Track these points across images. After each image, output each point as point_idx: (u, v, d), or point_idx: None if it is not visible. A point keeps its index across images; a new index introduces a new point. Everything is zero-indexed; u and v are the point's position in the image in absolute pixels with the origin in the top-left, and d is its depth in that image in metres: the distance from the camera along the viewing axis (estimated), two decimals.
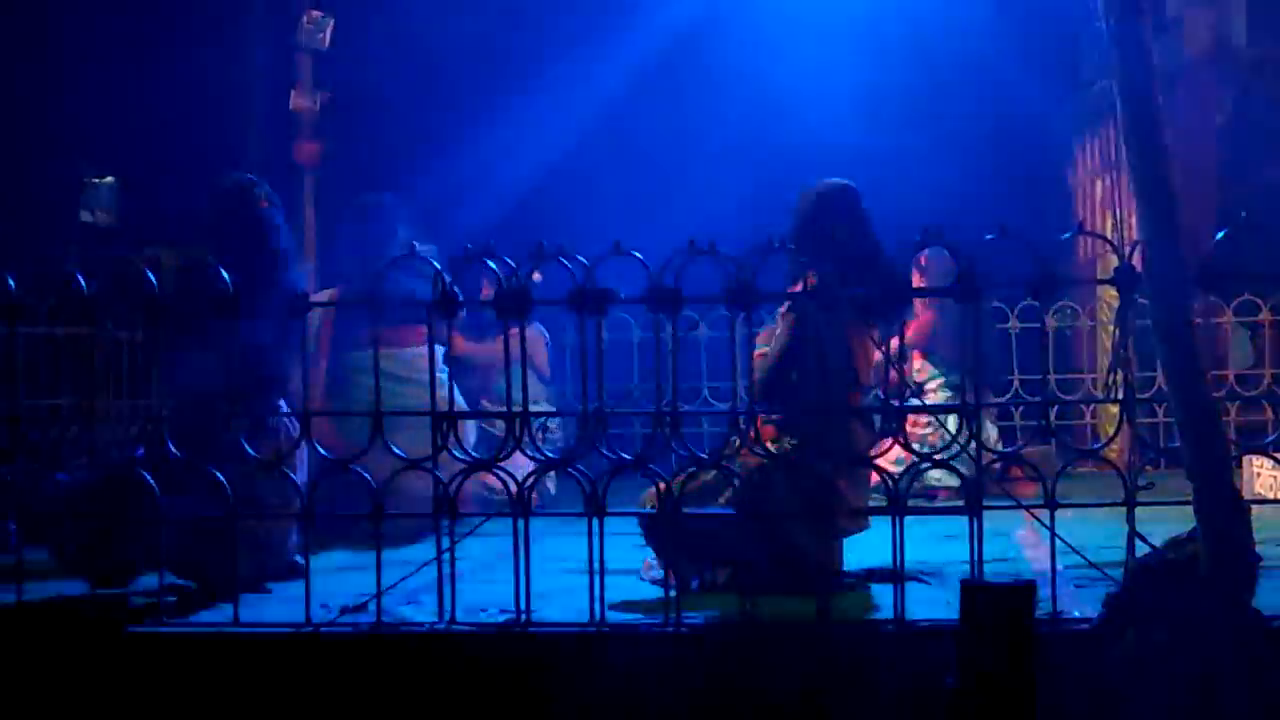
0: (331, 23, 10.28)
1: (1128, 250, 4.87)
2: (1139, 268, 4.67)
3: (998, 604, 4.07)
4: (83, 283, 5.45)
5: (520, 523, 5.18)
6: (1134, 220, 4.65)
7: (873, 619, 5.12)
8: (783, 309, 5.98)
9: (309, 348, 5.71)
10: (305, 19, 10.28)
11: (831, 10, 7.31)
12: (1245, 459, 7.62)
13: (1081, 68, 11.40)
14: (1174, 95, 11.45)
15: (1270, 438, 5.43)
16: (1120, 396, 5.08)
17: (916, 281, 8.92)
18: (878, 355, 5.64)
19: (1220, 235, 4.97)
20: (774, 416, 5.81)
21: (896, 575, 5.04)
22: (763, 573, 5.29)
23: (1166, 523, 4.85)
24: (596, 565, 5.12)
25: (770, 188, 6.74)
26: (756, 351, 5.81)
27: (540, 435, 7.91)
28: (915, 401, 7.68)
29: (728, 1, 11.37)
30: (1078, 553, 5.18)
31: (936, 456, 5.27)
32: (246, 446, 5.46)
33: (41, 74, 11.17)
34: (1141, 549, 4.81)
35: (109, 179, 11.71)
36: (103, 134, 11.25)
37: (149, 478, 5.37)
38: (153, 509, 5.38)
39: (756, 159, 10.38)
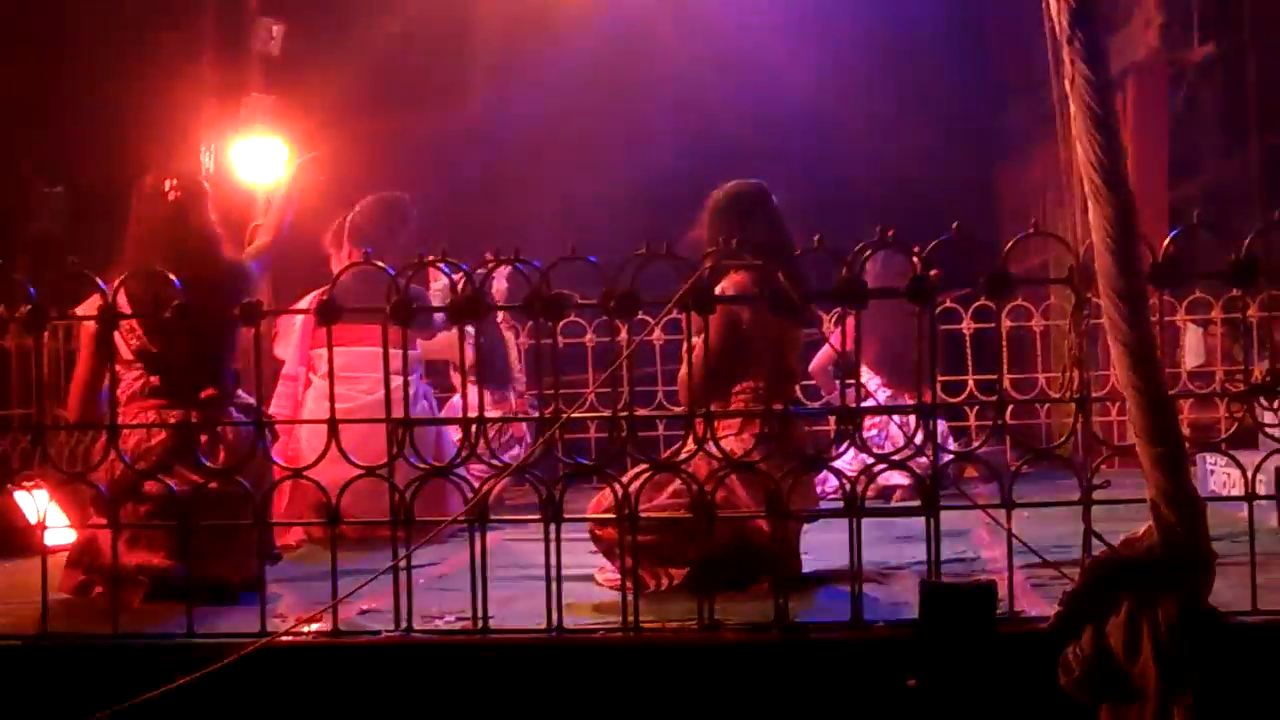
0: (282, 29, 10.25)
1: (1081, 250, 4.88)
2: (1092, 267, 4.67)
3: (959, 604, 4.07)
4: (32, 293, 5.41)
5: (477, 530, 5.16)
6: (1088, 220, 4.64)
7: (830, 620, 5.11)
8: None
9: None
10: (257, 26, 10.26)
11: (784, 10, 7.34)
12: (1199, 456, 7.65)
13: (1034, 68, 11.44)
14: (1124, 94, 11.52)
15: (1225, 435, 5.44)
16: (1075, 396, 5.09)
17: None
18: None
19: (1173, 234, 4.98)
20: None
21: (854, 576, 5.03)
22: (719, 573, 5.28)
23: (1123, 521, 4.86)
24: (554, 571, 5.10)
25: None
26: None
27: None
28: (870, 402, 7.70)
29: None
30: (1034, 552, 5.19)
31: (895, 457, 5.27)
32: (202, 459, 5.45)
33: None
34: (1098, 547, 4.81)
35: (59, 188, 11.65)
36: (53, 142, 11.20)
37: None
38: None
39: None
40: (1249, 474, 5.08)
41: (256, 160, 8.92)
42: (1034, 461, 5.25)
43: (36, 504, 5.90)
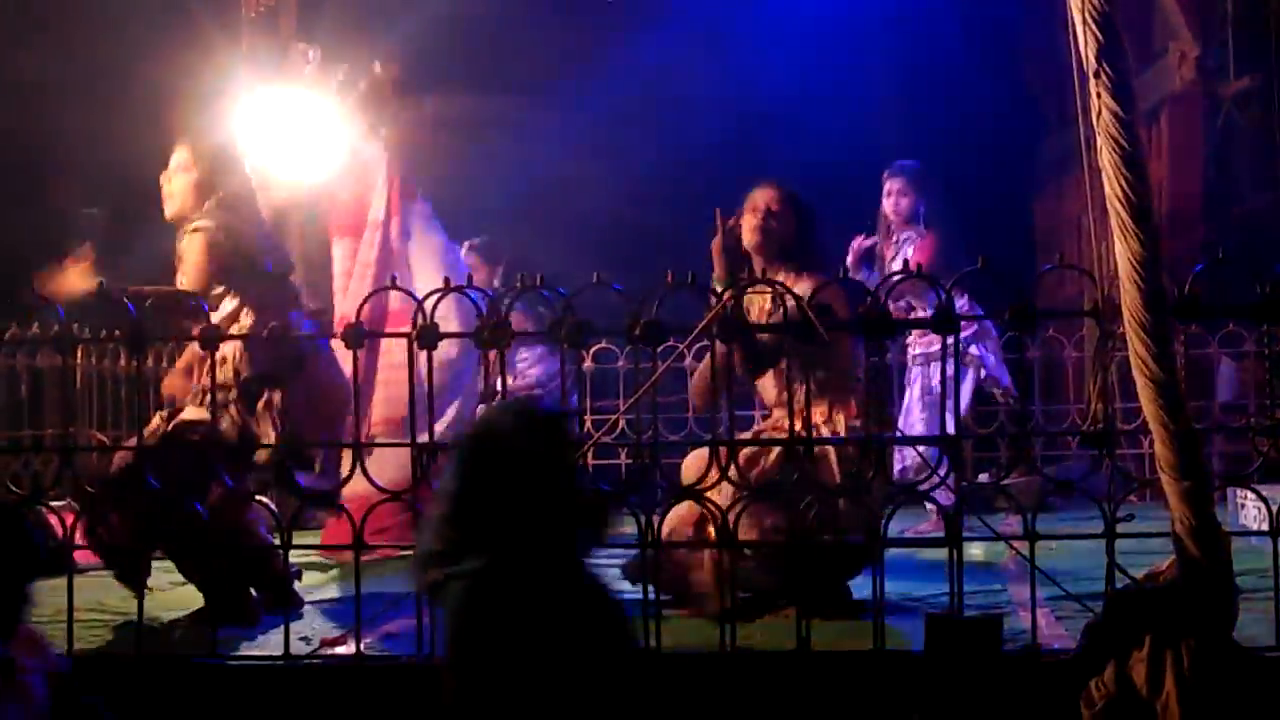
0: (319, 54, 10.29)
1: (1107, 284, 4.87)
2: (1118, 300, 4.66)
3: (964, 636, 4.07)
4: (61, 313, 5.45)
5: None
6: (1115, 253, 4.64)
7: (850, 649, 5.11)
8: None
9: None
10: (292, 50, 10.29)
11: (820, 53, 7.37)
12: (1229, 490, 7.61)
13: (1066, 103, 11.43)
14: (1159, 126, 11.50)
15: (1253, 468, 5.42)
16: (1100, 428, 5.08)
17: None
18: None
19: (1197, 269, 4.98)
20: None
21: (876, 606, 5.03)
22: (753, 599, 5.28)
23: (1148, 554, 4.85)
24: None
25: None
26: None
27: None
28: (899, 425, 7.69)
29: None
30: (1058, 584, 5.18)
31: (922, 488, 5.28)
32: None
33: (26, 102, 11.19)
34: (1122, 580, 4.81)
35: (94, 210, 11.72)
36: (90, 165, 11.27)
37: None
38: None
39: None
40: (1274, 508, 5.07)
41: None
42: (1061, 494, 5.24)
43: (66, 524, 5.91)
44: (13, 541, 3.92)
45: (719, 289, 5.78)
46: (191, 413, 6.10)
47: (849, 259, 9.01)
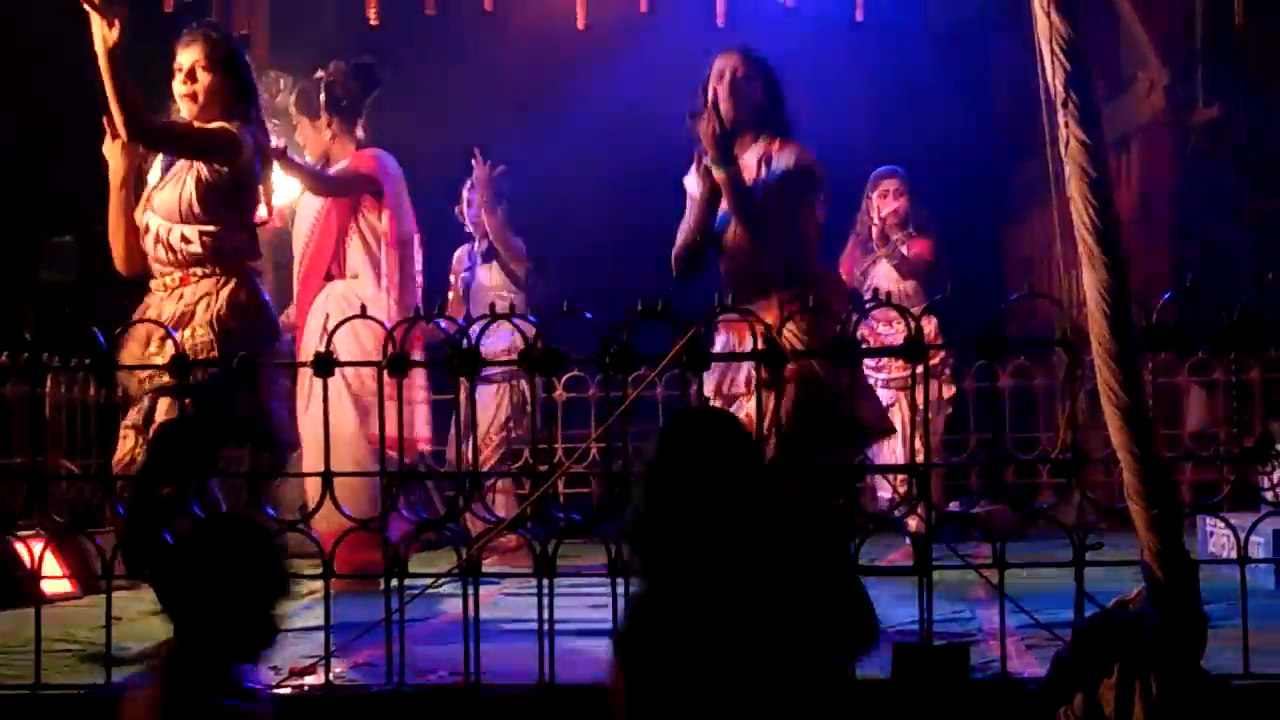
0: (291, 81, 10.29)
1: (1075, 312, 4.89)
2: (1087, 329, 4.68)
3: (932, 663, 4.07)
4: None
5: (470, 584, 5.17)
6: (1083, 281, 4.66)
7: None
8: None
9: None
10: (263, 80, 10.29)
11: (793, 79, 7.40)
12: (1199, 518, 7.64)
13: (1036, 131, 11.48)
14: (1129, 155, 11.56)
15: (1220, 496, 5.44)
16: (1067, 457, 5.10)
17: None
18: None
19: (1166, 297, 5.00)
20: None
21: None
22: None
23: (1117, 582, 4.86)
24: (546, 625, 5.10)
25: None
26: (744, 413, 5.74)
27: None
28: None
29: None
30: (1027, 613, 5.19)
31: (897, 513, 5.29)
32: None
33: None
34: (1091, 609, 4.82)
35: (67, 238, 11.69)
36: (63, 193, 11.24)
37: None
38: None
39: None
40: (1242, 537, 5.08)
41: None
42: (1029, 522, 5.25)
43: (34, 554, 5.90)
44: (266, 564, 3.86)
45: (716, 171, 6.08)
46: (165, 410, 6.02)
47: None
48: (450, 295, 9.78)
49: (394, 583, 5.19)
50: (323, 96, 8.29)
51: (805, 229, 6.35)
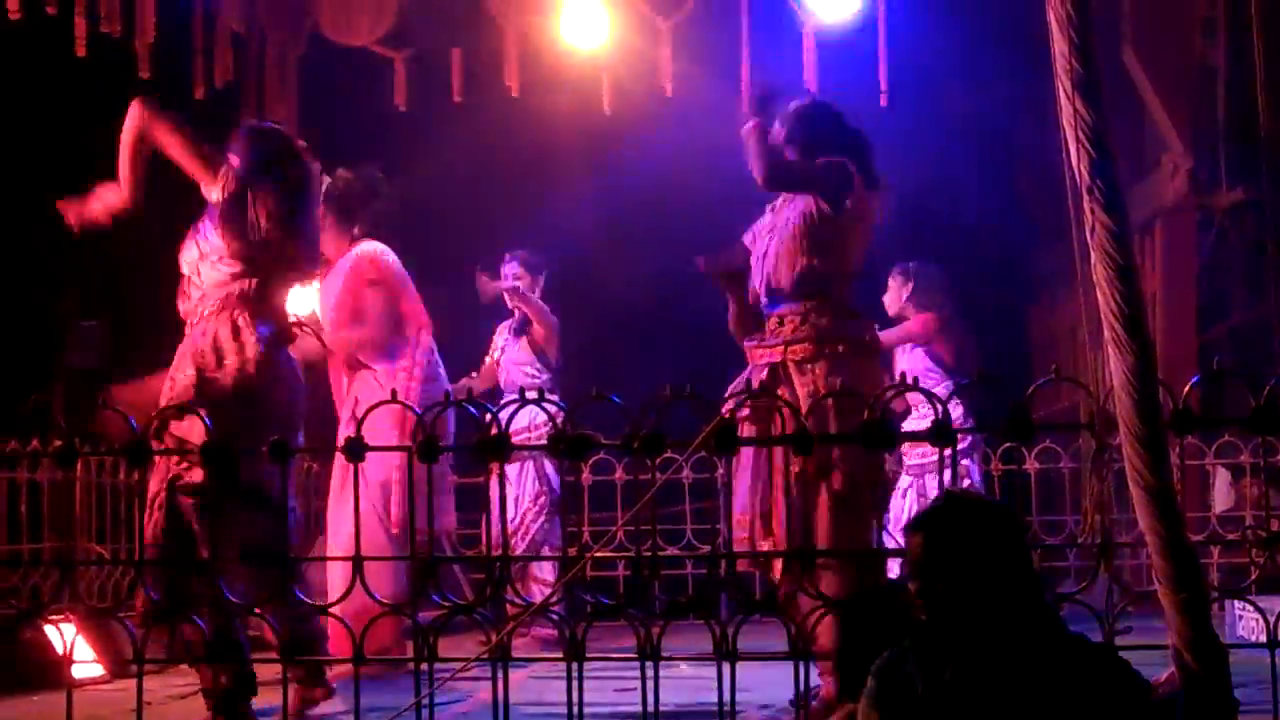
0: (319, 169, 10.37)
1: (1103, 395, 4.90)
2: (1113, 412, 4.69)
3: None
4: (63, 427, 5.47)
5: (500, 669, 5.17)
6: (1110, 365, 4.68)
7: None
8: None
9: None
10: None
11: None
12: (1228, 601, 7.61)
13: (1061, 214, 11.53)
14: (1153, 238, 11.59)
15: (1250, 580, 5.43)
16: (1098, 540, 5.10)
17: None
18: None
19: (1194, 381, 5.01)
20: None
21: None
22: None
23: (1145, 666, 4.85)
24: (575, 709, 5.09)
25: None
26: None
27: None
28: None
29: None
30: None
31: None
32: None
33: (28, 209, 11.24)
34: None
35: (94, 322, 11.75)
36: (91, 274, 11.32)
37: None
38: None
39: None
40: (1271, 620, 5.07)
41: None
42: (1059, 606, 5.24)
43: (65, 638, 5.91)
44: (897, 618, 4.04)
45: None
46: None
47: None
48: (481, 369, 9.90)
49: (423, 666, 5.19)
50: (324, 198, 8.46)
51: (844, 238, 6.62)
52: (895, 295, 9.84)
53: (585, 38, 10.55)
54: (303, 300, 7.97)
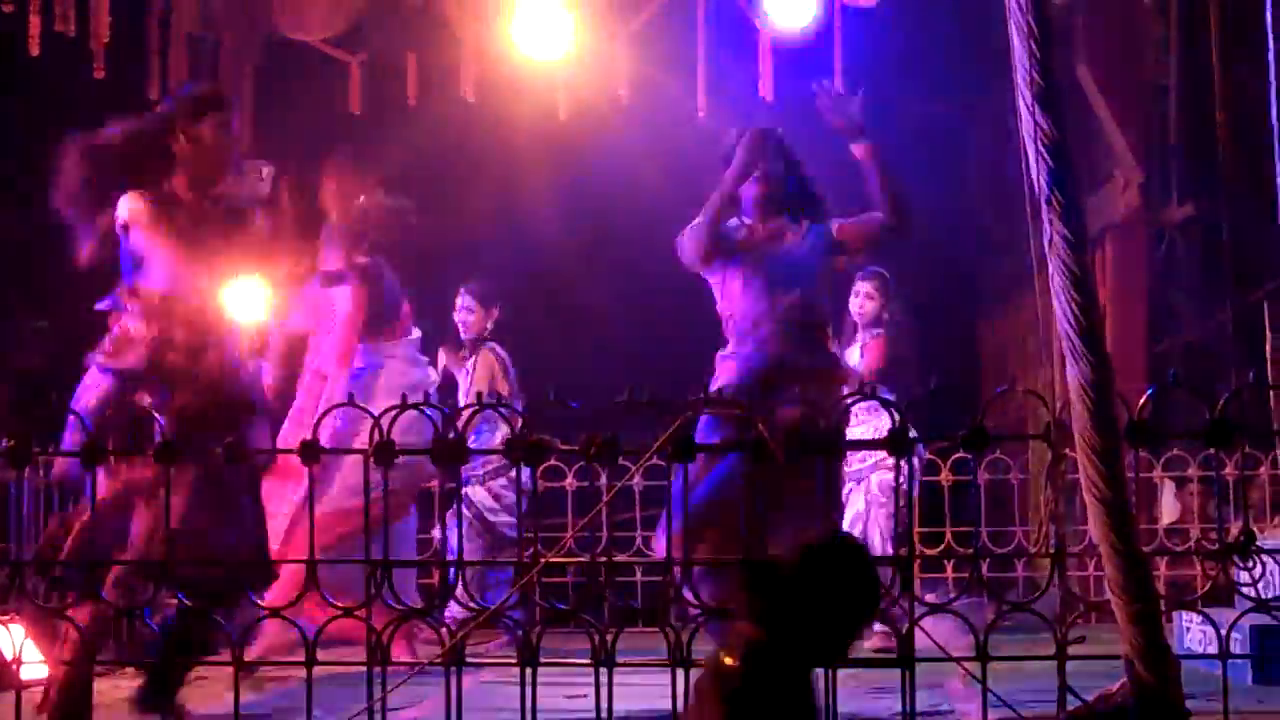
0: (272, 171, 10.33)
1: (1058, 406, 4.93)
2: (1068, 424, 4.72)
3: None
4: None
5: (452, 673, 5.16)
6: (1065, 376, 4.70)
7: None
8: None
9: None
10: (247, 169, 10.33)
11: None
12: (1175, 613, 7.66)
13: (1015, 224, 11.59)
14: (1103, 252, 11.65)
15: (1199, 592, 5.46)
16: (1051, 550, 5.12)
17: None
18: None
19: (1149, 392, 5.04)
20: None
21: None
22: None
23: (1097, 676, 4.88)
24: (529, 716, 5.09)
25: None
26: None
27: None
28: None
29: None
30: (1009, 705, 5.19)
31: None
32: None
33: None
34: (1073, 703, 4.83)
35: (43, 323, 11.70)
36: (35, 278, 11.26)
37: None
38: None
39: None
40: (1223, 632, 5.10)
41: None
42: (1010, 615, 5.26)
43: (13, 639, 5.88)
44: (864, 586, 4.01)
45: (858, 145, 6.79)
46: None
47: None
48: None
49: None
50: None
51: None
52: (876, 304, 9.70)
53: (542, 45, 10.53)
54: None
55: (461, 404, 9.69)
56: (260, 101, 11.20)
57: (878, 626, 8.02)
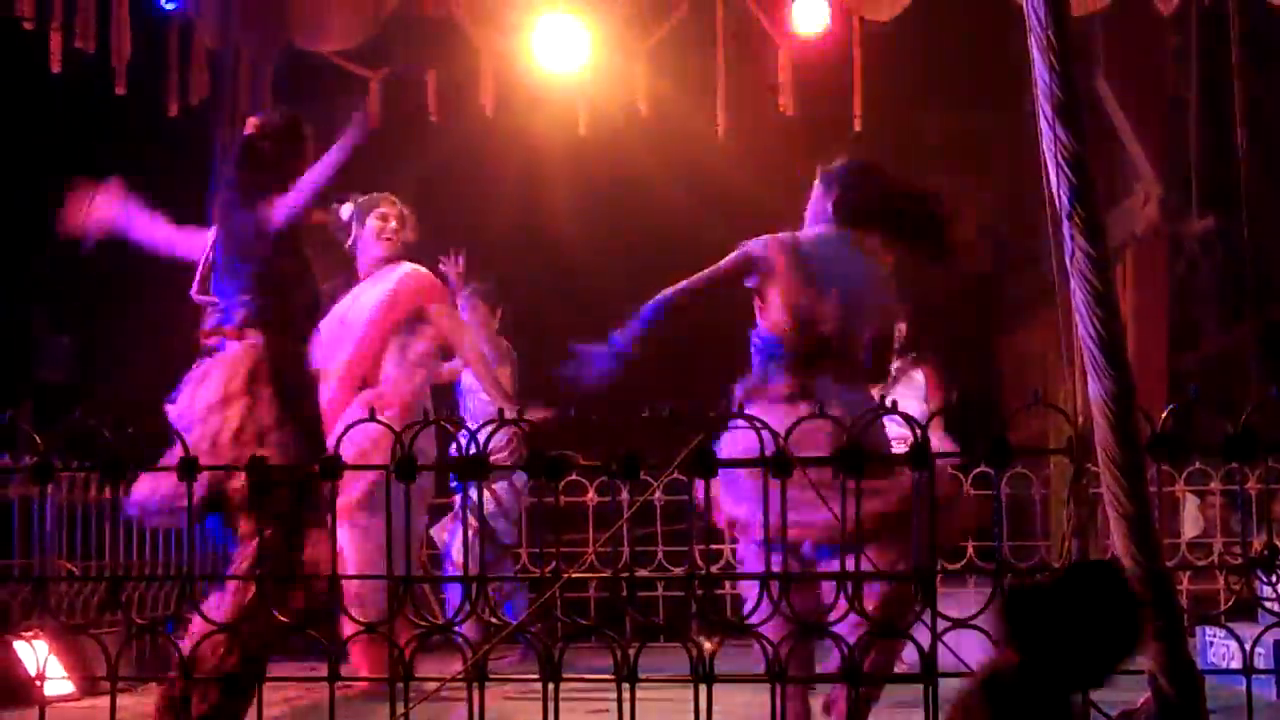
0: None
1: (1080, 421, 4.92)
2: (1091, 439, 4.71)
3: None
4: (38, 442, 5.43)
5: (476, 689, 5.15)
6: (1087, 391, 4.70)
7: None
8: None
9: None
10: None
11: (802, 178, 7.57)
12: (1198, 628, 7.64)
13: (1036, 238, 11.59)
14: (1124, 265, 11.64)
15: (1222, 607, 5.45)
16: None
17: None
18: None
19: (1171, 407, 5.03)
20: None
21: None
22: None
23: (1121, 691, 4.86)
24: None
25: None
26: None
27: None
28: None
29: None
30: None
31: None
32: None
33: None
34: (1096, 719, 4.81)
35: (64, 337, 11.73)
36: (59, 291, 11.29)
37: None
38: None
39: None
40: (1247, 647, 5.08)
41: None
42: None
43: (36, 655, 5.89)
44: (1126, 614, 4.11)
45: None
46: None
47: None
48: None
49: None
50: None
51: None
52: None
53: (561, 59, 10.56)
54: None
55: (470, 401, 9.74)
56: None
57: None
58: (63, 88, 10.03)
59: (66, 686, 6.58)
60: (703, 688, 5.04)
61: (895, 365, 9.56)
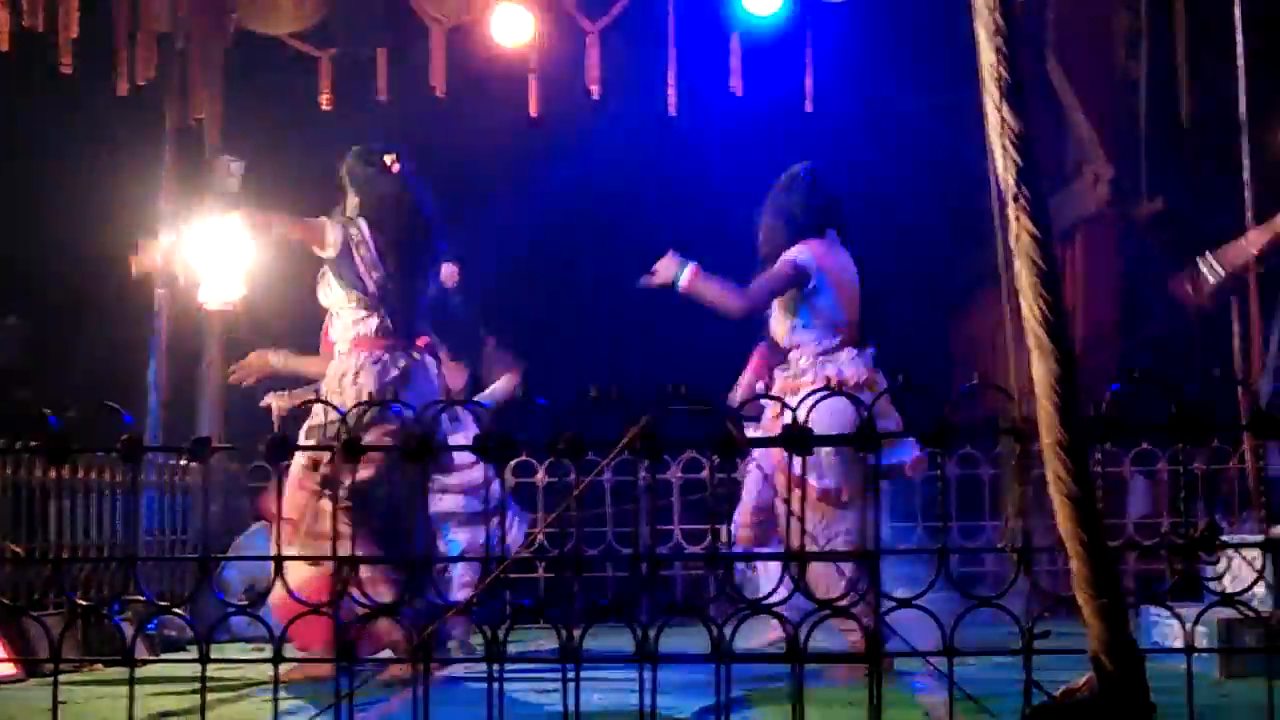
0: (243, 166, 10.31)
1: (1025, 402, 4.93)
2: (1035, 419, 4.72)
3: None
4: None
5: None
6: (1029, 369, 4.71)
7: None
8: None
9: None
10: (216, 163, 10.32)
11: (751, 157, 7.52)
12: (1143, 607, 7.68)
13: (983, 221, 11.61)
14: (1073, 248, 11.68)
15: (1167, 585, 5.47)
16: (1018, 545, 5.12)
17: None
18: None
19: (1114, 388, 5.04)
20: None
21: None
22: None
23: (1063, 671, 4.88)
24: (494, 712, 5.07)
25: None
26: None
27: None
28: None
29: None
30: (975, 700, 5.20)
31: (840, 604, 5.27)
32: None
33: None
34: (1039, 697, 4.83)
35: (12, 319, 11.66)
36: (8, 272, 11.22)
37: None
38: None
39: None
40: (1188, 626, 5.11)
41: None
42: (977, 610, 5.26)
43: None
44: None
45: None
46: None
47: None
48: None
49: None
50: None
51: None
52: None
53: (510, 37, 10.55)
54: None
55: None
56: (229, 97, 11.17)
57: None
58: (7, 66, 9.97)
59: (7, 668, 6.54)
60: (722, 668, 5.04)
61: None
